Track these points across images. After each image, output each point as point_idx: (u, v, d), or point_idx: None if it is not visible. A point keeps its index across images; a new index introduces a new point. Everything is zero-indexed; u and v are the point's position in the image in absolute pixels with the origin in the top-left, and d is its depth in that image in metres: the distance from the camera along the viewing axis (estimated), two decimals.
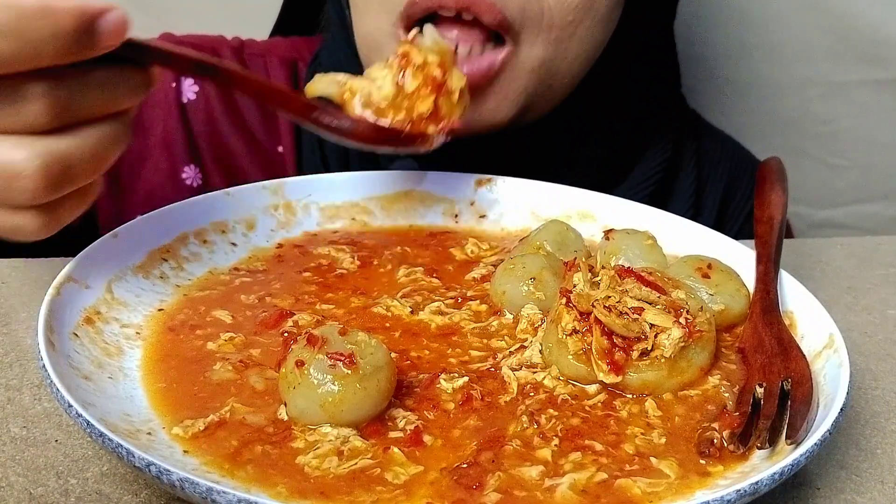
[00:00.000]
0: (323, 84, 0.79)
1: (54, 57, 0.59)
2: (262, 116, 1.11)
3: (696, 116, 1.21)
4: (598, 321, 0.64)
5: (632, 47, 1.06)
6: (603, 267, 0.68)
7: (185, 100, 1.09)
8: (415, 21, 0.88)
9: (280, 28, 1.23)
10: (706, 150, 1.15)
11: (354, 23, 0.99)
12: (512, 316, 0.73)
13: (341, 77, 0.79)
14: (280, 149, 1.10)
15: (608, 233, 0.79)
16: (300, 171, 1.09)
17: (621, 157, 1.09)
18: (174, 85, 1.09)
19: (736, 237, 0.84)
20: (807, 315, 0.72)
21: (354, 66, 1.04)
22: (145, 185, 1.06)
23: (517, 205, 0.91)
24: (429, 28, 0.80)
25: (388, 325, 0.72)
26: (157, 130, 1.08)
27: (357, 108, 0.77)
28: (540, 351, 0.67)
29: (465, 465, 0.57)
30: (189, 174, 1.08)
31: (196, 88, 1.09)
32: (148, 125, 1.08)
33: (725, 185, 1.14)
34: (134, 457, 0.52)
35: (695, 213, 1.09)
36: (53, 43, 0.58)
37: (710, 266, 0.74)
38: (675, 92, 1.19)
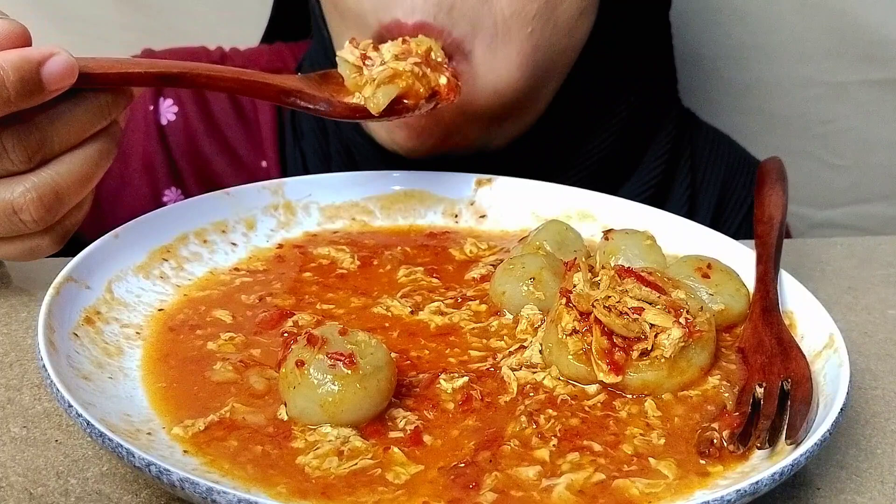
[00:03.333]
0: (383, 96, 0.80)
1: (4, 108, 0.64)
2: (244, 132, 1.10)
3: (691, 116, 1.20)
4: (598, 321, 0.64)
5: (626, 49, 1.06)
6: (603, 267, 0.68)
7: (164, 121, 1.08)
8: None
9: (271, 33, 1.23)
10: (700, 149, 1.15)
11: (333, 38, 0.99)
12: (512, 316, 0.73)
13: (378, 74, 0.81)
14: (263, 163, 1.10)
15: (607, 233, 0.79)
16: None
17: (619, 160, 1.09)
18: (152, 108, 1.08)
19: (734, 237, 0.84)
20: (807, 315, 0.72)
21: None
22: (127, 210, 1.04)
23: (517, 205, 0.91)
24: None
25: (387, 324, 0.72)
26: (137, 154, 1.08)
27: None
28: (540, 351, 0.67)
29: (462, 465, 0.57)
30: (171, 197, 1.08)
31: (175, 109, 1.08)
32: (127, 149, 1.07)
33: (721, 184, 1.13)
34: (134, 457, 0.52)
35: (690, 214, 1.09)
36: (1, 95, 0.63)
37: (709, 266, 0.74)
38: (672, 93, 1.19)
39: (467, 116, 0.92)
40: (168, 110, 1.08)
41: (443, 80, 0.83)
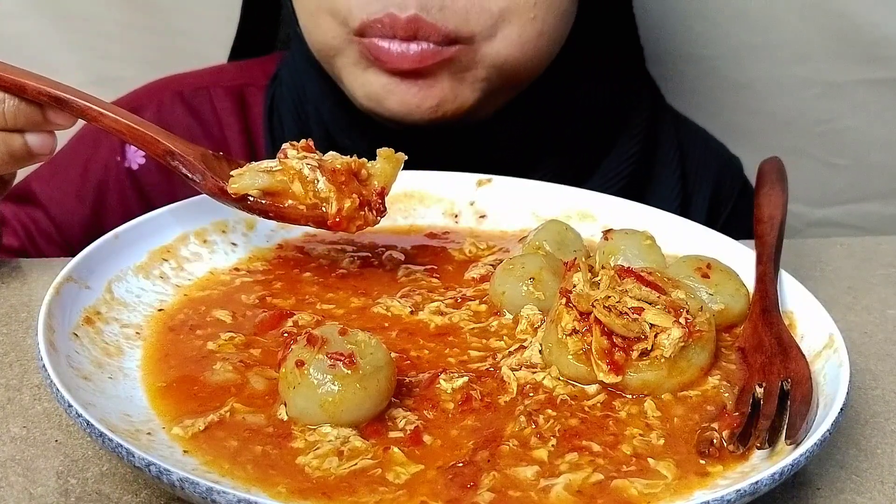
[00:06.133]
0: (248, 180, 0.76)
1: None
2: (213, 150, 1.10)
3: (675, 113, 1.21)
4: (597, 321, 0.64)
5: (593, 37, 1.07)
6: (603, 267, 0.68)
7: (134, 167, 1.08)
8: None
9: (238, 49, 1.23)
10: (690, 147, 1.15)
11: (306, 36, 1.00)
12: (511, 316, 0.73)
13: (265, 164, 0.77)
14: None
15: (607, 233, 0.79)
16: None
17: (590, 148, 1.10)
18: (119, 158, 1.08)
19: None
20: (807, 315, 0.72)
21: (317, 77, 1.04)
22: None
23: (517, 205, 0.90)
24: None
25: (387, 324, 0.72)
26: (113, 204, 1.08)
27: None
28: (539, 351, 0.67)
29: (460, 465, 0.57)
30: None
31: (143, 153, 1.08)
32: (103, 200, 1.08)
33: (714, 183, 1.14)
34: (134, 457, 0.52)
35: (684, 211, 1.10)
36: None
37: (709, 266, 0.74)
38: (644, 81, 1.19)
39: (465, 83, 0.96)
40: (136, 155, 1.09)
41: (344, 204, 0.76)
